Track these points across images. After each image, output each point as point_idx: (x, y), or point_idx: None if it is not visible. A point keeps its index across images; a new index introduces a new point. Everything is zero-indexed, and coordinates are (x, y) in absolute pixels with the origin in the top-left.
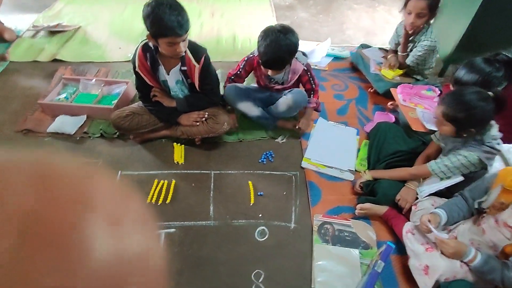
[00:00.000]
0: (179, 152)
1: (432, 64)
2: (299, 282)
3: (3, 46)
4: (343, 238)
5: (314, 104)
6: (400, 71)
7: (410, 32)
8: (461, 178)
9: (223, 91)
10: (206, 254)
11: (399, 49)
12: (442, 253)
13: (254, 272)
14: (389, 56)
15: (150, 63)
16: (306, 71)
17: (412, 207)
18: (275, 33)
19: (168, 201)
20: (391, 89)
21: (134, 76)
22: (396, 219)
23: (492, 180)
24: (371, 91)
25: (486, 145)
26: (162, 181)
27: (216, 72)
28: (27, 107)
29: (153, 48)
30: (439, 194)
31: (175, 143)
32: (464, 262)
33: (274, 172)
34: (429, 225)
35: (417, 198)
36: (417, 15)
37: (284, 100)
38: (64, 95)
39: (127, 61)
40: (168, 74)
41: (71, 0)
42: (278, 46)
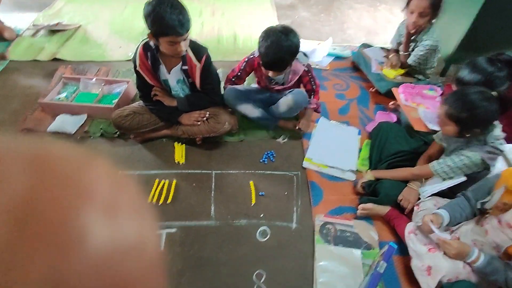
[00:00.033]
0: (180, 152)
1: (434, 64)
2: (300, 282)
3: (3, 45)
4: (345, 238)
5: (314, 105)
6: (402, 71)
7: (412, 31)
8: (463, 179)
9: (223, 92)
10: (207, 255)
11: (400, 48)
12: (445, 253)
13: (255, 272)
14: (390, 56)
15: (151, 62)
16: (307, 72)
17: (414, 207)
18: (276, 33)
19: (169, 201)
20: (392, 88)
21: (135, 75)
22: (398, 220)
23: (495, 180)
24: (373, 90)
25: (489, 145)
26: (163, 181)
27: (217, 71)
28: (27, 106)
29: (154, 47)
30: (441, 195)
31: (176, 143)
32: (467, 263)
33: (276, 172)
34: (431, 225)
35: (419, 199)
36: (419, 14)
37: (284, 100)
38: (64, 94)
39: (128, 60)
40: (169, 73)
41: None
42: (279, 47)
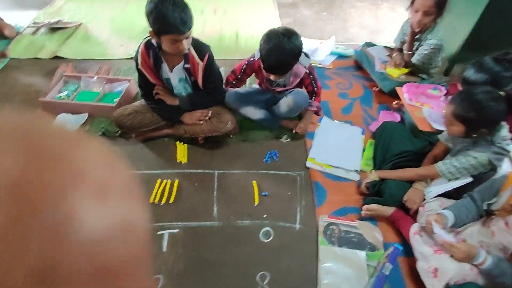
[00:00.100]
0: (182, 151)
1: (438, 63)
2: (304, 284)
3: (3, 43)
4: (349, 239)
5: (315, 107)
6: (406, 70)
7: (416, 30)
8: (469, 179)
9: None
10: (210, 255)
11: (404, 47)
12: (451, 256)
13: (259, 273)
14: (394, 55)
15: (153, 60)
16: (309, 74)
17: (420, 208)
18: (278, 36)
19: (171, 201)
20: (396, 88)
21: (137, 73)
22: (403, 221)
23: (502, 181)
24: (376, 90)
25: (496, 146)
26: (165, 180)
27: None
28: (28, 105)
29: (156, 45)
30: (447, 195)
31: (177, 142)
32: (474, 265)
33: (279, 172)
34: (434, 224)
35: (424, 199)
36: (424, 13)
37: (284, 101)
38: (65, 93)
39: (129, 58)
40: (171, 72)
41: None
42: (281, 50)
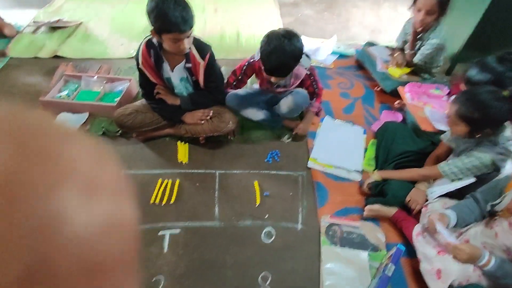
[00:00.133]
0: (183, 151)
1: (440, 63)
2: (307, 285)
3: (3, 42)
4: (351, 240)
5: (315, 108)
6: (407, 70)
7: (419, 29)
8: (473, 180)
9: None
10: (211, 256)
11: (406, 47)
12: (454, 258)
13: (261, 274)
14: (396, 54)
15: (154, 59)
16: (309, 76)
17: (422, 208)
18: (279, 38)
19: (172, 201)
20: (398, 87)
21: (138, 73)
22: (405, 221)
23: (506, 182)
24: (378, 89)
25: (500, 146)
26: (166, 180)
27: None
28: (28, 104)
29: (157, 44)
30: (450, 196)
31: (179, 142)
32: (478, 266)
33: (280, 172)
34: (437, 223)
35: (427, 200)
36: (427, 12)
37: (284, 101)
38: (65, 92)
39: (130, 57)
40: (172, 71)
41: None
42: (282, 53)
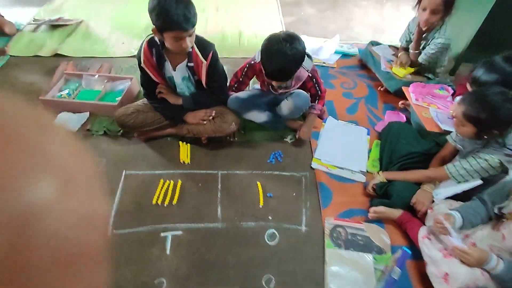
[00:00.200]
0: (185, 151)
1: (445, 63)
2: (311, 287)
3: (3, 40)
4: (356, 242)
5: (318, 111)
6: (412, 69)
7: (424, 29)
8: (479, 182)
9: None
10: (214, 258)
11: (410, 46)
12: (462, 262)
13: (264, 277)
14: (400, 54)
15: (156, 58)
16: (311, 78)
17: (428, 210)
18: (280, 42)
19: (174, 202)
20: (403, 87)
21: (140, 72)
22: (410, 223)
23: None
24: (381, 89)
25: (507, 147)
26: (168, 181)
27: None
28: (28, 103)
29: (159, 43)
30: (456, 197)
31: (180, 142)
32: (485, 270)
33: (283, 173)
34: (445, 223)
35: (433, 201)
36: (432, 11)
37: (285, 104)
38: (66, 92)
39: (131, 56)
40: (174, 70)
41: None
42: (283, 57)
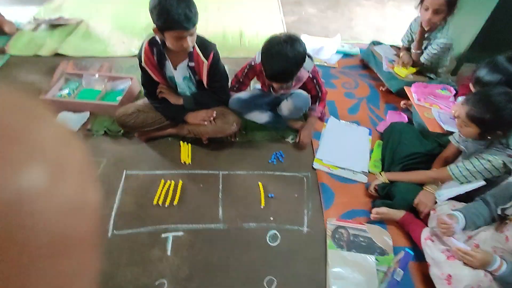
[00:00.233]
0: (186, 152)
1: (446, 63)
2: None
3: (3, 39)
4: (358, 243)
5: (318, 113)
6: (414, 69)
7: (426, 29)
8: (482, 183)
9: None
10: (215, 259)
11: (412, 46)
12: (465, 264)
13: (266, 278)
14: (402, 54)
15: (156, 58)
16: (312, 78)
17: (431, 211)
18: (280, 44)
19: (175, 202)
20: (405, 87)
21: (140, 71)
22: (413, 225)
23: None
24: (383, 89)
25: (511, 148)
26: (169, 181)
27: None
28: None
29: (160, 42)
30: (458, 199)
31: (181, 142)
32: (489, 271)
33: (285, 173)
34: (449, 221)
35: (436, 202)
36: (434, 11)
37: (284, 104)
38: (66, 91)
39: (131, 56)
40: (175, 70)
41: None
42: (284, 58)
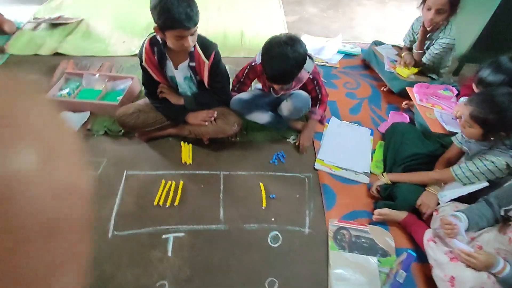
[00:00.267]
0: (186, 152)
1: (449, 63)
2: None
3: (3, 38)
4: (360, 244)
5: (318, 116)
6: (415, 70)
7: (428, 29)
8: (485, 184)
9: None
10: (217, 260)
11: (414, 46)
12: (468, 265)
13: (267, 279)
14: (403, 54)
15: (157, 57)
16: (312, 80)
17: (433, 212)
18: (281, 45)
19: (176, 203)
20: (407, 88)
21: (141, 71)
22: (416, 226)
23: None
24: (385, 90)
25: None
26: (170, 181)
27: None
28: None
29: (161, 42)
30: (461, 200)
31: (182, 142)
32: (492, 273)
33: (286, 174)
34: (455, 220)
35: (438, 203)
36: (437, 11)
37: (284, 105)
38: (66, 91)
39: (132, 55)
40: (176, 69)
41: None
42: (284, 60)
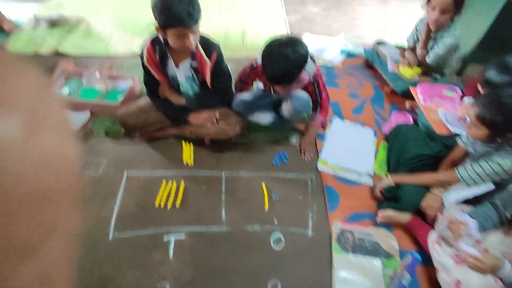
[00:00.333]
0: (188, 152)
1: (453, 63)
2: None
3: (2, 37)
4: (364, 247)
5: (319, 124)
6: (419, 70)
7: (433, 29)
8: (492, 187)
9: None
10: (218, 262)
11: (418, 46)
12: (475, 269)
13: (270, 282)
14: (407, 54)
15: (159, 57)
16: (313, 82)
17: (438, 214)
18: (282, 46)
19: (177, 205)
20: (410, 88)
21: (143, 70)
22: (420, 229)
23: None
24: (388, 90)
25: None
26: (171, 182)
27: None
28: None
29: (162, 41)
30: (466, 201)
31: (183, 142)
32: (499, 277)
33: (289, 175)
34: (463, 220)
35: (443, 205)
36: (441, 11)
37: (285, 106)
38: (66, 90)
39: (132, 55)
40: (178, 68)
41: None
42: (285, 61)
